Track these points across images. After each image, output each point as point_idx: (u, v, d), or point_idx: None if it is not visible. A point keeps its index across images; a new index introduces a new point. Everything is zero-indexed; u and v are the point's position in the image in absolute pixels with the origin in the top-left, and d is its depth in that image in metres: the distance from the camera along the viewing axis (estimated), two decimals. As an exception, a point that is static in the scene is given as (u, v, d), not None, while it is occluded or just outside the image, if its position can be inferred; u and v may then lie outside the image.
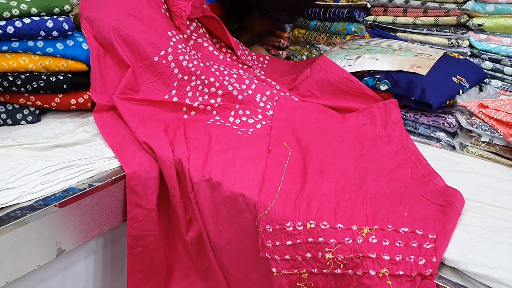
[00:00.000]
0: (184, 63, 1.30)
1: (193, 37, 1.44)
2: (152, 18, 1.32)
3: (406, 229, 0.83)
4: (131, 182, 1.04)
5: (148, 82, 1.29)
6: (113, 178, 1.02)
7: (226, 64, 1.44)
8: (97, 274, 1.13)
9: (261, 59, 1.70)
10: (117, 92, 1.22)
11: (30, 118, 1.23)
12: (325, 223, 0.86)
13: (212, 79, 1.32)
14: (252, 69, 1.53)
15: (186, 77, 1.31)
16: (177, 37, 1.35)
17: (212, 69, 1.36)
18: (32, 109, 1.23)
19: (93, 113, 1.21)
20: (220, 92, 1.33)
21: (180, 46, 1.32)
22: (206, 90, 1.33)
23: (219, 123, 1.29)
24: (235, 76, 1.40)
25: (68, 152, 1.07)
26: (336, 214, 0.87)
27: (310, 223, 0.87)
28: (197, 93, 1.32)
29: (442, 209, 0.90)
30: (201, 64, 1.33)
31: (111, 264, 1.15)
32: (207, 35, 1.50)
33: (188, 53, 1.33)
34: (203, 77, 1.32)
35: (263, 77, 1.45)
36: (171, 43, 1.31)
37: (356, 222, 0.85)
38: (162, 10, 1.38)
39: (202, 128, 1.23)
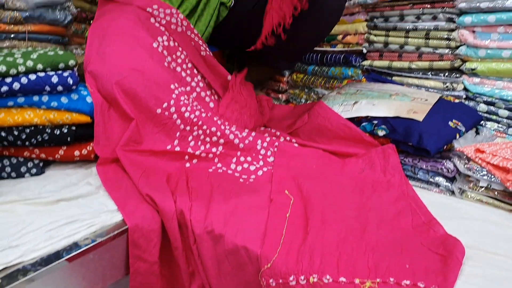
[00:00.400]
0: (186, 114, 1.33)
1: (197, 90, 1.47)
2: (155, 71, 1.35)
3: (408, 282, 0.84)
4: (134, 235, 1.05)
5: (151, 134, 1.32)
6: (116, 232, 1.02)
7: (222, 123, 1.47)
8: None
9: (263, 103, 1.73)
10: (121, 144, 1.25)
11: (34, 170, 1.24)
12: (328, 276, 0.86)
13: (213, 129, 1.35)
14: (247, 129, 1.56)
15: (188, 128, 1.34)
16: (180, 89, 1.38)
17: (214, 119, 1.39)
18: (36, 161, 1.25)
19: (96, 166, 1.23)
20: (221, 141, 1.35)
21: (182, 98, 1.35)
22: (208, 139, 1.35)
23: (221, 171, 1.30)
24: (234, 127, 1.43)
25: (71, 206, 1.08)
26: (338, 267, 0.88)
27: (313, 277, 0.87)
28: (199, 142, 1.35)
29: (443, 259, 0.91)
30: (203, 115, 1.36)
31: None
32: (209, 91, 1.53)
33: (191, 104, 1.36)
34: (204, 127, 1.34)
35: (260, 134, 1.47)
36: (174, 95, 1.34)
37: (359, 275, 0.86)
38: (165, 63, 1.41)
39: (204, 177, 1.25)
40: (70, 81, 1.21)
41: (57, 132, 1.23)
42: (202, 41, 1.55)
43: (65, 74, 1.21)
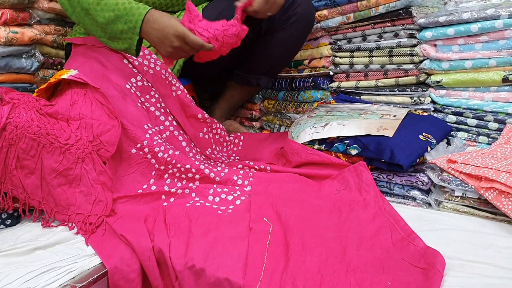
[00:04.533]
0: (160, 154, 1.33)
1: (170, 129, 1.48)
2: (128, 112, 1.36)
3: (391, 299, 0.84)
4: (114, 277, 1.03)
5: (126, 174, 1.32)
6: (95, 276, 1.01)
7: (196, 159, 1.48)
8: None
9: (236, 141, 1.74)
10: None
11: (9, 221, 1.22)
12: (310, 302, 0.86)
13: (188, 166, 1.35)
14: (220, 162, 1.57)
15: (162, 167, 1.34)
16: (153, 129, 1.39)
17: (188, 156, 1.40)
18: (10, 212, 1.23)
19: None
20: (197, 176, 1.36)
21: (156, 138, 1.36)
22: (183, 176, 1.36)
23: (199, 204, 1.30)
24: (208, 163, 1.44)
25: (48, 254, 1.06)
26: (321, 291, 0.88)
27: (297, 303, 0.87)
28: (175, 179, 1.35)
29: (424, 273, 0.92)
30: (176, 153, 1.37)
31: None
32: (182, 130, 1.54)
33: (164, 144, 1.37)
34: (179, 165, 1.35)
35: (234, 168, 1.48)
36: (147, 135, 1.35)
37: (342, 297, 0.86)
38: (139, 103, 1.42)
39: (182, 212, 1.24)
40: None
41: (30, 180, 1.21)
42: (175, 80, 1.57)
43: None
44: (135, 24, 1.29)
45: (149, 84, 1.49)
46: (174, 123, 1.51)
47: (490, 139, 1.47)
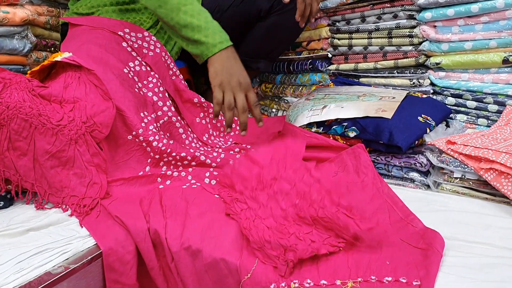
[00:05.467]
0: (154, 143, 1.31)
1: (169, 115, 1.45)
2: (125, 98, 1.33)
3: (389, 278, 0.83)
4: (109, 259, 1.02)
5: (122, 160, 1.30)
6: (90, 257, 0.99)
7: (191, 147, 1.46)
8: None
9: (233, 125, 1.72)
10: None
11: (1, 203, 1.20)
12: (308, 281, 0.85)
13: (183, 154, 1.33)
14: (217, 147, 1.54)
15: (157, 156, 1.32)
16: (149, 117, 1.36)
17: (183, 145, 1.38)
18: (3, 194, 1.21)
19: None
20: (193, 163, 1.35)
21: (151, 127, 1.33)
22: (179, 163, 1.34)
23: (195, 186, 1.28)
24: (203, 149, 1.43)
25: (42, 235, 1.04)
26: (318, 270, 0.87)
27: (294, 283, 0.85)
28: (171, 167, 1.34)
29: (423, 253, 0.90)
30: (171, 142, 1.35)
31: None
32: (180, 116, 1.52)
33: (158, 133, 1.34)
34: (174, 154, 1.33)
35: (231, 152, 1.46)
36: (143, 124, 1.32)
37: (339, 276, 0.85)
38: (136, 89, 1.40)
39: (178, 194, 1.22)
40: (32, 107, 1.18)
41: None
42: (173, 64, 1.55)
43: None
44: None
45: (148, 68, 1.46)
46: (173, 108, 1.48)
47: (489, 122, 1.46)
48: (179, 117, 1.50)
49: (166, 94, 1.49)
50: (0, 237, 1.02)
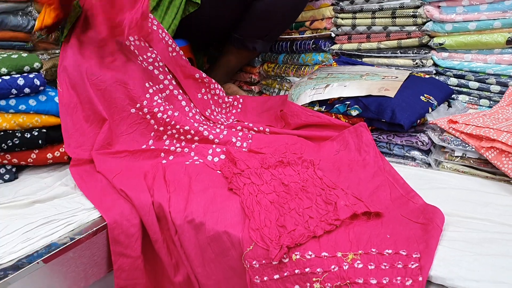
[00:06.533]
0: (159, 115, 1.32)
1: (170, 88, 1.46)
2: (129, 69, 1.34)
3: (390, 251, 0.84)
4: (114, 232, 1.04)
5: (125, 134, 1.31)
6: (95, 229, 1.01)
7: (195, 120, 1.46)
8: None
9: (235, 103, 1.73)
10: (95, 148, 1.24)
11: (7, 176, 1.22)
12: (310, 253, 0.86)
13: (187, 127, 1.34)
14: (219, 124, 1.55)
15: (161, 128, 1.33)
16: (154, 88, 1.37)
17: (187, 117, 1.39)
18: (8, 167, 1.22)
19: (69, 168, 1.20)
20: (196, 138, 1.36)
21: (156, 98, 1.34)
22: (182, 137, 1.35)
23: (198, 163, 1.29)
24: (206, 124, 1.44)
25: (47, 207, 1.06)
26: (320, 243, 0.88)
27: (296, 255, 0.87)
28: (174, 141, 1.35)
29: (423, 227, 0.92)
30: (176, 114, 1.35)
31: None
32: (181, 89, 1.53)
33: (163, 104, 1.35)
34: (178, 126, 1.34)
35: (233, 129, 1.47)
36: (148, 95, 1.33)
37: (340, 248, 0.86)
38: (139, 61, 1.40)
39: (181, 169, 1.23)
40: (37, 82, 1.19)
41: (28, 135, 1.20)
42: (172, 40, 1.55)
43: (31, 75, 1.19)
44: None
45: (146, 44, 1.47)
46: (174, 82, 1.49)
47: (491, 102, 1.46)
48: (180, 90, 1.50)
49: (166, 69, 1.49)
50: (6, 209, 1.04)
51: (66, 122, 1.25)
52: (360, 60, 1.72)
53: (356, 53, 1.73)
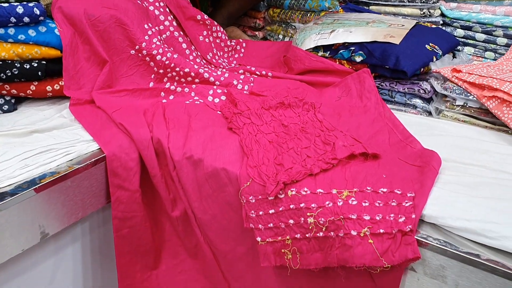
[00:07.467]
0: (158, 57, 1.30)
1: (170, 29, 1.43)
2: (128, 10, 1.31)
3: (385, 190, 0.85)
4: (112, 164, 1.04)
5: (126, 76, 1.30)
6: (93, 160, 1.01)
7: (196, 63, 1.44)
8: (86, 258, 1.13)
9: (238, 47, 1.70)
10: (95, 89, 1.23)
11: (6, 107, 1.21)
12: (305, 189, 0.87)
13: (187, 70, 1.33)
14: (221, 67, 1.53)
15: (161, 71, 1.31)
16: (153, 29, 1.34)
17: (187, 60, 1.37)
18: (7, 98, 1.22)
19: (69, 107, 1.20)
20: (197, 80, 1.34)
21: (155, 40, 1.32)
22: (183, 79, 1.34)
23: (198, 103, 1.29)
24: (207, 67, 1.41)
25: (46, 137, 1.06)
26: (316, 180, 0.89)
27: (291, 191, 0.88)
28: (175, 83, 1.34)
29: (419, 170, 0.92)
30: (175, 56, 1.33)
31: (99, 247, 1.15)
32: (182, 31, 1.50)
33: (162, 46, 1.33)
34: (177, 69, 1.32)
35: (235, 73, 1.45)
36: (147, 37, 1.30)
37: (336, 186, 0.87)
38: (138, 1, 1.37)
39: (181, 108, 1.23)
40: (37, 11, 1.16)
41: (27, 66, 1.19)
42: None
43: (31, 4, 1.16)
44: None
45: None
46: (174, 23, 1.46)
47: (496, 55, 1.44)
48: (181, 32, 1.48)
49: (168, 10, 1.46)
50: (5, 136, 1.04)
51: (68, 62, 1.23)
52: (367, 8, 1.68)
53: (364, 0, 1.69)
